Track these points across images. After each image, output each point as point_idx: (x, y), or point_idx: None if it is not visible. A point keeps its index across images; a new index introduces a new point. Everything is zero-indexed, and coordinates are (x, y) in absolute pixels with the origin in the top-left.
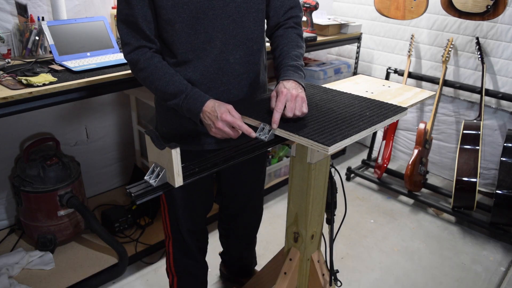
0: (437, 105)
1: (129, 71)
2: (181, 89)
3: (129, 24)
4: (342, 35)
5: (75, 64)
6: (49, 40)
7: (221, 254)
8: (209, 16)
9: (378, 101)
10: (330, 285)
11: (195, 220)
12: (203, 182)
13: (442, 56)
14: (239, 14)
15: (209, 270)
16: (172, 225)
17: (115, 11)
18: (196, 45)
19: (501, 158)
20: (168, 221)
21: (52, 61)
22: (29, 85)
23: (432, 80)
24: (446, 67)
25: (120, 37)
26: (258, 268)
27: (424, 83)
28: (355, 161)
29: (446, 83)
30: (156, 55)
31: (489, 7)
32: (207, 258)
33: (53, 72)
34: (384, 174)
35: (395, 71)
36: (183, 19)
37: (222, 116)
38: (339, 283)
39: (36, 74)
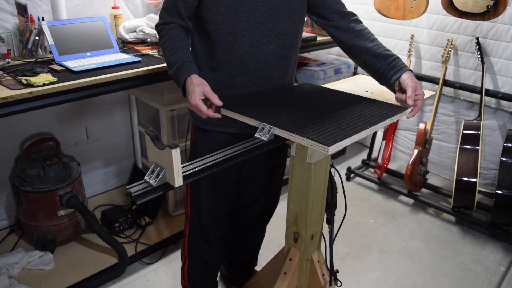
0: (437, 105)
1: (129, 71)
2: (175, 61)
3: (169, 1)
4: None
5: (75, 64)
6: (49, 40)
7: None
8: (251, 6)
9: (378, 101)
10: (330, 285)
11: (217, 205)
12: (229, 168)
13: (442, 56)
14: (278, 10)
15: None
16: (192, 207)
17: (115, 11)
18: (236, 30)
19: (501, 158)
20: (189, 201)
21: (52, 61)
22: (29, 85)
23: (432, 80)
24: (446, 67)
25: (160, 11)
26: (258, 268)
27: (424, 83)
28: (355, 161)
29: (446, 83)
30: (178, 28)
31: (489, 7)
32: None
33: (53, 72)
34: (384, 174)
35: None
36: (228, 4)
37: (191, 101)
38: (339, 283)
39: (36, 74)
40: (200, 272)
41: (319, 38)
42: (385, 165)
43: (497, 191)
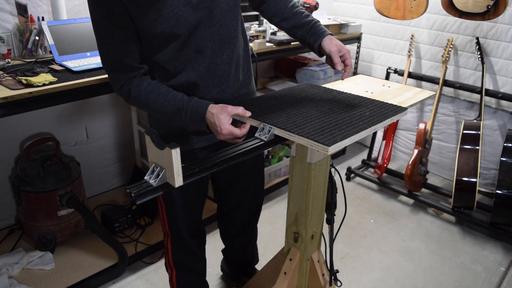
0: (437, 105)
1: None
2: (179, 106)
3: (114, 62)
4: (342, 35)
5: (75, 64)
6: (49, 40)
7: (223, 251)
8: (199, 29)
9: (378, 101)
10: (330, 285)
11: (192, 218)
12: (199, 181)
13: (442, 56)
14: (223, 17)
15: (209, 270)
16: (170, 223)
17: None
18: (189, 57)
19: (501, 158)
20: (166, 220)
21: (52, 61)
22: (29, 85)
23: (432, 80)
24: (446, 67)
25: (108, 75)
26: (258, 267)
27: (424, 83)
28: (355, 161)
29: (446, 83)
30: (144, 78)
31: (489, 7)
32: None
33: (53, 72)
34: (384, 174)
35: (395, 71)
36: (176, 40)
37: (223, 131)
38: (339, 283)
39: (36, 74)
40: (191, 279)
41: None
42: (385, 165)
43: (497, 191)
